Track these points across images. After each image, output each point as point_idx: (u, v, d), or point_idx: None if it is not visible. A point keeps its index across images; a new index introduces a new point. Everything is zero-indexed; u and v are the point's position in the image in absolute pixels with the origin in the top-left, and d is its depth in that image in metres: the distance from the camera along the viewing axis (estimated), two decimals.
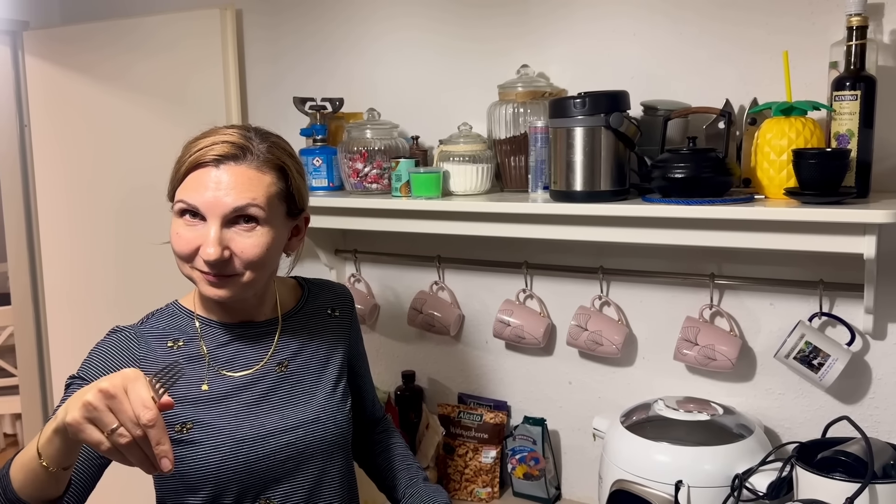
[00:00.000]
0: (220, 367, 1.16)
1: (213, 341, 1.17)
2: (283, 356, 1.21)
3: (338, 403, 1.22)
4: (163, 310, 1.21)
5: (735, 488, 1.31)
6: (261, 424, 1.14)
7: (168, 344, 1.15)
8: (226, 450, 1.11)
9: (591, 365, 1.76)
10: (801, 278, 1.48)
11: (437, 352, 1.97)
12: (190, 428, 1.11)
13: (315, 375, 1.22)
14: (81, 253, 2.43)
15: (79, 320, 2.45)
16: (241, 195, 1.07)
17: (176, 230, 1.09)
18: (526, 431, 1.77)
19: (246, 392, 1.16)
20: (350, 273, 2.06)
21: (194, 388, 1.13)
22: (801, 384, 1.51)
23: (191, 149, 1.09)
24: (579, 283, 1.74)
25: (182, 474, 1.11)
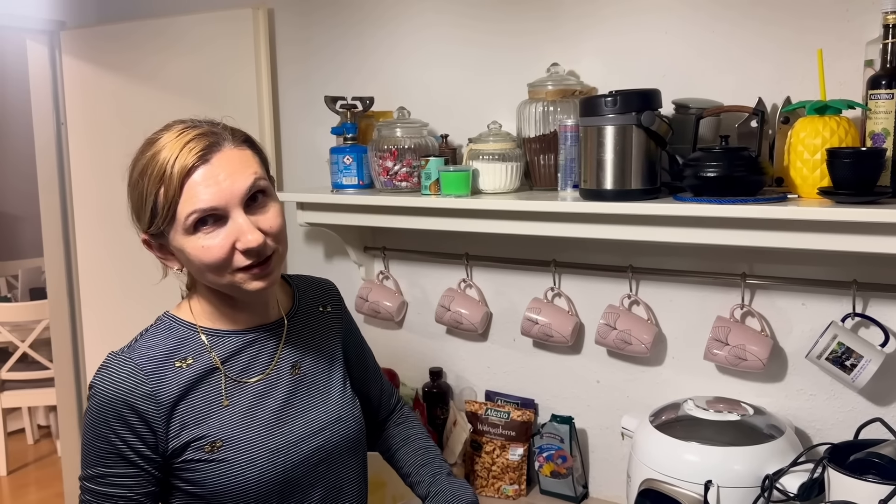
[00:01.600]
0: (235, 377, 1.12)
1: (223, 351, 1.12)
2: (294, 358, 1.18)
3: (351, 399, 1.22)
4: (157, 325, 1.13)
5: (765, 489, 1.31)
6: (290, 431, 1.13)
7: (176, 365, 1.08)
8: (262, 462, 1.08)
9: (620, 364, 1.75)
10: (834, 278, 1.47)
11: (465, 349, 1.98)
12: (220, 446, 1.07)
13: (326, 375, 1.21)
14: (115, 248, 2.48)
15: (112, 315, 2.49)
16: (244, 175, 1.05)
17: (198, 245, 1.03)
18: (553, 429, 1.77)
19: (268, 400, 1.13)
20: (379, 270, 2.07)
21: (215, 406, 1.09)
22: (834, 385, 1.50)
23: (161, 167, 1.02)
24: (608, 281, 1.73)
25: (216, 494, 1.08)
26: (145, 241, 1.10)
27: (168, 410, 1.06)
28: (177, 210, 1.02)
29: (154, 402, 1.06)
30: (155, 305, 1.23)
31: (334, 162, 1.87)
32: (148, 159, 1.04)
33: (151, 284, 1.22)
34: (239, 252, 1.04)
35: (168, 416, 1.06)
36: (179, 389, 1.08)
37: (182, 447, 1.07)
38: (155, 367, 1.08)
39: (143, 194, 1.04)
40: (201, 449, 1.07)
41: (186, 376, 1.09)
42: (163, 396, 1.06)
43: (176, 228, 1.04)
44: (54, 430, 4.28)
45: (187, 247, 1.04)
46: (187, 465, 1.07)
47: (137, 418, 1.05)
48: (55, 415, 3.84)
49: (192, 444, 1.07)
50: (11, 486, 3.83)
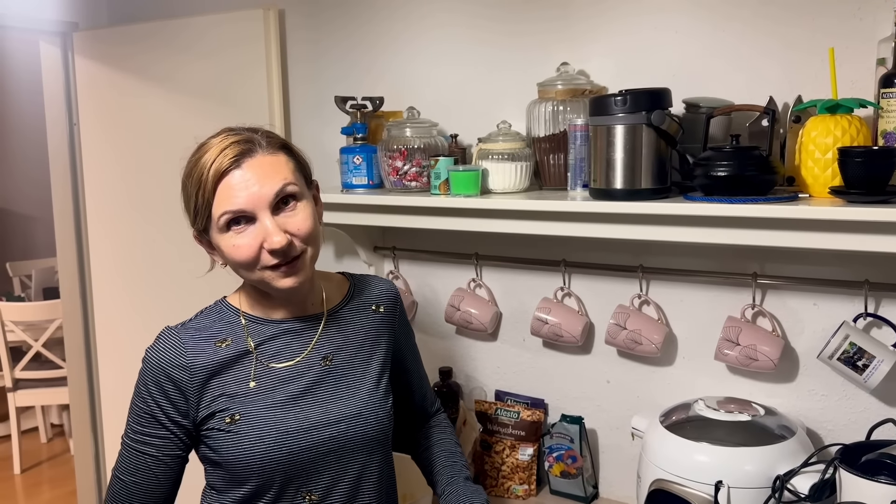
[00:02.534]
0: (266, 361, 1.19)
1: (259, 336, 1.20)
2: (328, 350, 1.23)
3: (380, 399, 1.24)
4: (211, 307, 1.24)
5: (776, 489, 1.30)
6: (305, 417, 1.17)
7: (216, 344, 1.18)
8: (271, 441, 1.14)
9: (630, 364, 1.75)
10: (846, 278, 1.46)
11: (475, 349, 1.98)
12: (238, 419, 1.15)
13: (359, 370, 1.24)
14: (128, 248, 2.49)
15: (125, 314, 2.51)
16: (274, 180, 1.13)
17: (230, 244, 1.12)
18: (563, 429, 1.77)
19: (291, 384, 1.19)
20: (388, 270, 2.08)
21: (243, 385, 1.17)
22: (845, 386, 1.49)
23: (201, 170, 1.12)
24: (618, 281, 1.73)
25: (229, 464, 1.15)
26: (196, 236, 1.19)
27: (202, 382, 1.16)
28: (211, 210, 1.12)
29: (189, 373, 1.16)
30: (167, 303, 1.26)
31: (344, 162, 1.88)
32: (194, 162, 1.14)
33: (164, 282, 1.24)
34: (266, 252, 1.12)
35: (201, 386, 1.16)
36: (214, 365, 1.17)
37: (208, 416, 1.16)
38: (196, 343, 1.18)
39: (188, 194, 1.15)
40: (222, 420, 1.15)
41: (223, 355, 1.18)
42: (198, 369, 1.16)
43: (213, 227, 1.13)
44: (67, 428, 4.31)
45: (222, 244, 1.14)
46: (210, 433, 1.16)
47: (173, 386, 1.15)
48: (68, 413, 3.87)
49: (217, 415, 1.16)
50: (25, 485, 3.86)
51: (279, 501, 1.16)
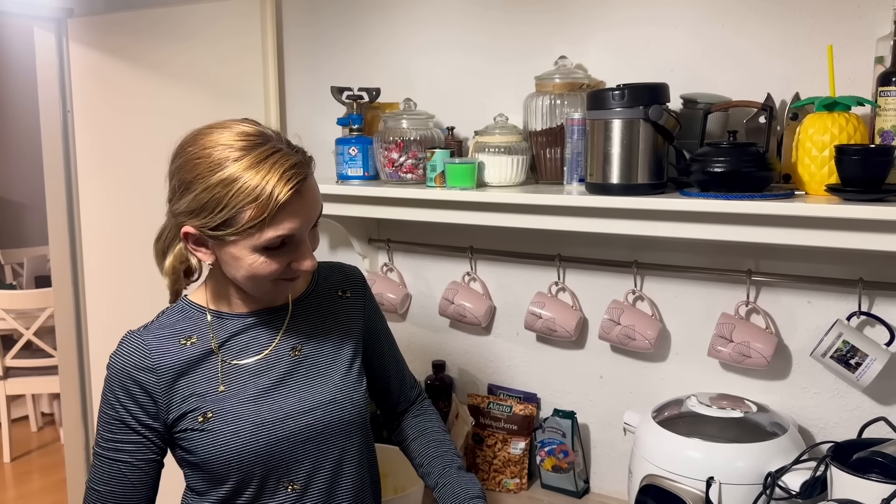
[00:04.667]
0: (232, 358, 1.18)
1: (225, 332, 1.19)
2: (296, 340, 1.22)
3: (353, 384, 1.24)
4: (174, 307, 1.22)
5: (767, 486, 1.30)
6: (279, 407, 1.17)
7: (181, 342, 1.17)
8: (247, 434, 1.13)
9: (623, 359, 1.75)
10: (841, 276, 1.46)
11: (468, 342, 1.97)
12: (210, 417, 1.14)
13: (329, 357, 1.24)
14: (121, 237, 2.48)
15: (117, 303, 2.50)
16: (318, 204, 1.14)
17: (260, 259, 1.09)
18: (555, 424, 1.77)
19: (262, 378, 1.18)
20: (383, 262, 2.07)
21: (213, 384, 1.16)
22: (838, 384, 1.49)
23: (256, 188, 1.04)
24: (613, 276, 1.73)
25: (207, 463, 1.14)
26: (188, 233, 1.12)
27: (169, 383, 1.14)
28: (261, 231, 1.07)
29: (155, 375, 1.14)
30: (159, 293, 1.25)
31: (340, 153, 1.87)
32: (236, 171, 1.05)
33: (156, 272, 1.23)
34: (290, 268, 1.12)
35: (169, 387, 1.14)
36: (181, 365, 1.16)
37: (180, 417, 1.15)
38: (161, 343, 1.16)
39: (221, 202, 1.06)
40: (195, 419, 1.14)
41: (189, 353, 1.16)
42: (164, 370, 1.14)
43: (245, 242, 1.08)
44: (58, 417, 4.30)
45: (247, 258, 1.09)
46: (183, 434, 1.15)
47: (140, 389, 1.14)
48: (59, 403, 3.86)
49: (188, 415, 1.15)
50: (15, 473, 3.85)
51: (261, 495, 1.15)
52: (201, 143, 1.09)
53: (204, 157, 1.07)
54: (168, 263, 1.21)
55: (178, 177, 1.11)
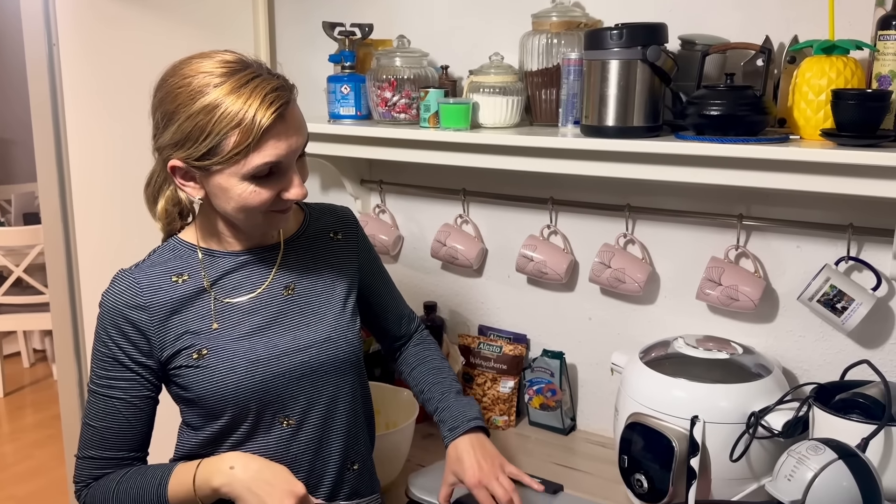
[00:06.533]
0: (225, 296, 1.18)
1: (217, 271, 1.19)
2: (289, 279, 1.23)
3: (347, 323, 1.25)
4: (164, 246, 1.22)
5: (751, 425, 1.33)
6: (274, 345, 1.18)
7: (173, 279, 1.17)
8: (242, 371, 1.15)
9: (613, 302, 1.77)
10: (831, 221, 1.47)
11: (460, 284, 1.99)
12: (205, 354, 1.15)
13: (323, 297, 1.25)
14: (110, 172, 2.45)
15: (108, 240, 2.48)
16: (303, 130, 1.12)
17: (249, 189, 1.08)
18: (544, 364, 1.80)
19: (256, 316, 1.19)
20: (375, 204, 2.06)
21: (207, 322, 1.17)
22: (823, 327, 1.52)
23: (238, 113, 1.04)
24: (604, 220, 1.73)
25: (203, 399, 1.15)
26: (175, 167, 1.11)
27: (162, 320, 1.15)
28: (246, 158, 1.06)
29: (147, 313, 1.15)
30: (150, 228, 1.24)
31: (331, 91, 1.84)
32: (218, 97, 1.05)
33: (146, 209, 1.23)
34: (280, 198, 1.11)
35: (162, 325, 1.15)
36: (174, 303, 1.16)
37: (174, 354, 1.15)
38: (152, 281, 1.16)
39: (204, 129, 1.05)
40: (189, 357, 1.15)
41: (181, 291, 1.17)
42: (156, 308, 1.15)
43: (232, 170, 1.07)
44: (50, 354, 4.33)
45: (236, 188, 1.08)
46: (178, 371, 1.16)
47: (132, 327, 1.14)
48: (50, 339, 3.87)
49: (182, 352, 1.15)
50: (8, 408, 3.89)
51: (257, 430, 1.18)
52: (181, 73, 1.08)
53: (185, 87, 1.07)
54: (160, 207, 1.21)
55: (161, 109, 1.10)
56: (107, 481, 1.16)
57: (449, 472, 1.29)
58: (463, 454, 1.27)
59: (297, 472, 1.16)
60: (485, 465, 1.25)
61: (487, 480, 1.24)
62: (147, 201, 1.22)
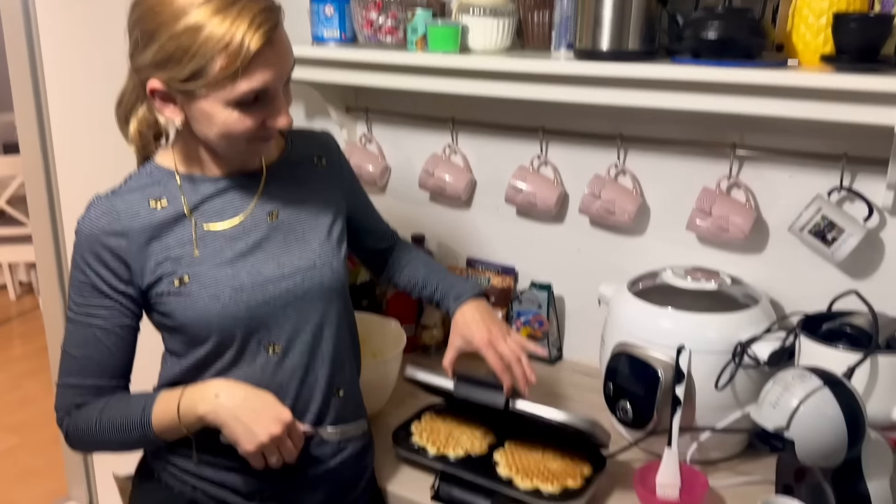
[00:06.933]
0: (206, 223, 1.15)
1: (197, 196, 1.16)
2: (273, 206, 1.20)
3: (333, 250, 1.23)
4: (142, 171, 1.18)
5: (737, 354, 1.33)
6: (258, 272, 1.16)
7: (151, 204, 1.13)
8: (226, 298, 1.13)
9: (602, 234, 1.75)
10: (825, 151, 1.44)
11: (448, 216, 1.96)
12: (187, 282, 1.12)
13: (308, 224, 1.23)
14: (88, 100, 2.38)
15: (89, 168, 2.44)
16: (290, 56, 1.08)
17: (234, 116, 1.05)
18: (532, 296, 1.79)
19: (239, 242, 1.16)
20: (361, 133, 2.02)
21: (188, 248, 1.13)
22: (812, 258, 1.51)
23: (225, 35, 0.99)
24: (595, 150, 1.70)
25: (186, 327, 1.13)
26: (154, 89, 1.07)
27: (141, 246, 1.12)
28: (234, 83, 1.02)
29: (126, 239, 1.11)
30: (130, 156, 1.20)
31: (314, 12, 1.77)
32: (202, 17, 1.00)
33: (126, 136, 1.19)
34: (265, 126, 1.08)
35: (142, 251, 1.12)
36: (152, 228, 1.12)
37: (155, 281, 1.13)
38: (129, 206, 1.12)
39: (188, 51, 1.00)
40: (171, 283, 1.12)
41: (160, 217, 1.13)
42: (135, 233, 1.11)
43: (217, 95, 1.03)
44: (35, 286, 4.31)
45: (220, 115, 1.05)
46: (160, 298, 1.13)
47: (110, 254, 1.11)
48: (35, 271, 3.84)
49: (164, 279, 1.13)
50: None
51: (242, 357, 1.16)
52: None
53: (166, 4, 1.01)
54: (133, 129, 1.16)
55: (140, 28, 1.05)
56: (89, 409, 1.14)
57: (456, 336, 1.33)
58: (470, 319, 1.32)
59: (284, 399, 1.16)
60: (493, 328, 1.31)
61: (496, 341, 1.29)
62: (118, 122, 1.18)
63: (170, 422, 1.11)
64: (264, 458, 1.10)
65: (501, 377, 1.29)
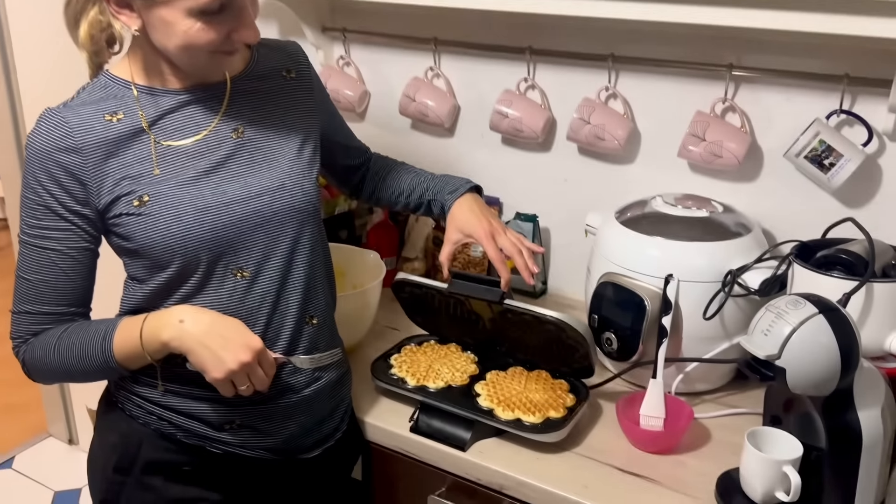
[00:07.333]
0: (166, 139, 1.08)
1: (156, 109, 1.09)
2: (238, 122, 1.13)
3: (304, 170, 1.16)
4: (95, 83, 1.10)
5: (727, 283, 1.29)
6: (222, 192, 1.09)
7: (106, 118, 1.06)
8: (188, 219, 1.06)
9: (590, 162, 1.68)
10: (825, 71, 1.37)
11: (430, 144, 1.88)
12: (147, 201, 1.05)
13: (276, 142, 1.15)
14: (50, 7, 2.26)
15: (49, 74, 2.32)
16: None
17: (196, 26, 0.99)
18: (517, 227, 1.73)
19: (202, 160, 1.09)
20: (339, 55, 1.92)
21: (147, 166, 1.06)
22: (807, 186, 1.45)
23: None
24: (586, 72, 1.62)
25: (147, 249, 1.07)
26: None
27: (97, 164, 1.04)
28: None
29: (80, 156, 1.04)
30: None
31: None
32: None
33: None
34: (229, 39, 1.03)
35: (97, 169, 1.04)
36: (108, 144, 1.05)
37: (113, 201, 1.06)
38: (83, 121, 1.05)
39: None
40: (130, 204, 1.05)
41: (116, 131, 1.06)
42: (89, 149, 1.04)
43: (179, 2, 0.98)
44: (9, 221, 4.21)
45: (181, 24, 0.99)
46: (119, 219, 1.06)
47: (64, 172, 1.04)
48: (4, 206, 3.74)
49: (122, 199, 1.06)
50: None
51: (208, 282, 1.10)
52: None
53: None
54: (83, 33, 1.07)
55: None
56: (46, 337, 1.08)
57: (453, 229, 1.31)
58: (469, 212, 1.30)
59: (253, 327, 1.10)
60: (494, 221, 1.30)
61: (497, 233, 1.27)
62: (67, 25, 1.08)
63: (132, 349, 1.05)
64: (234, 387, 1.05)
65: (499, 269, 1.26)
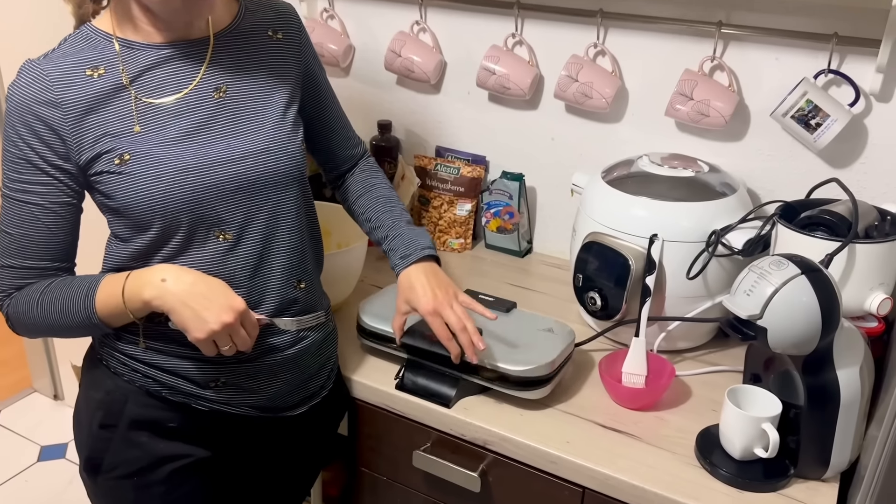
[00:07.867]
0: (148, 96, 1.06)
1: (137, 65, 1.06)
2: (221, 80, 1.10)
3: (288, 133, 1.14)
4: (76, 34, 1.07)
5: (711, 243, 1.29)
6: (204, 153, 1.07)
7: (87, 72, 1.03)
8: (169, 180, 1.04)
9: (577, 120, 1.67)
10: (815, 30, 1.36)
11: (416, 101, 1.86)
12: (128, 160, 1.03)
13: (259, 103, 1.13)
14: None
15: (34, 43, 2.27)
16: None
17: None
18: (503, 186, 1.73)
19: (183, 120, 1.07)
20: (322, 8, 1.88)
21: (128, 123, 1.04)
22: (793, 146, 1.45)
23: None
24: (574, 28, 1.59)
25: (128, 209, 1.05)
26: None
27: (77, 119, 1.02)
28: None
29: (60, 110, 1.02)
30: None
31: None
32: None
33: None
34: None
35: (78, 124, 1.03)
36: (89, 99, 1.03)
37: (93, 158, 1.04)
38: (63, 74, 1.03)
39: None
40: (111, 162, 1.04)
41: (97, 86, 1.04)
42: (69, 104, 1.02)
43: None
44: None
45: None
46: (100, 177, 1.05)
47: (44, 126, 1.02)
48: None
49: (103, 156, 1.04)
50: None
51: (190, 244, 1.08)
52: None
53: None
54: None
55: None
56: (30, 291, 1.08)
57: (402, 300, 1.25)
58: (416, 282, 1.22)
59: (237, 289, 1.10)
60: (439, 293, 1.21)
61: (442, 308, 1.20)
62: None
63: (114, 306, 1.05)
64: (216, 347, 1.05)
65: (447, 346, 1.21)
